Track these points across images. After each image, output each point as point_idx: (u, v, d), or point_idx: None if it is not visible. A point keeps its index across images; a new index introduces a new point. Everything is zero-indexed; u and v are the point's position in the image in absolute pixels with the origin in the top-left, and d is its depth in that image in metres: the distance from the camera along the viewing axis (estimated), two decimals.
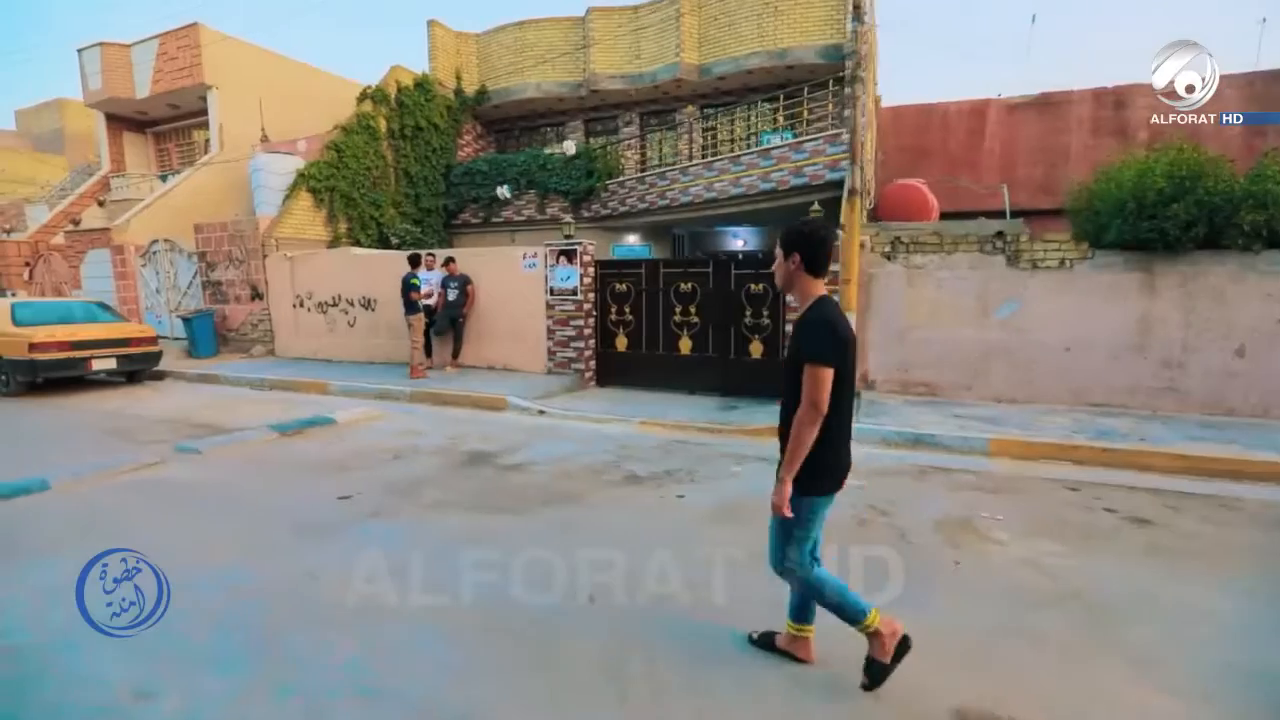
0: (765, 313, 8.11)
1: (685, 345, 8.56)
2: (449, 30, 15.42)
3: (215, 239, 11.70)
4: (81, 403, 8.09)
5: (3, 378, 8.51)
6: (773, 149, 9.86)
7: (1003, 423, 6.15)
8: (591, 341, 8.89)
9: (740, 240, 14.81)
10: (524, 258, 8.98)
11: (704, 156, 13.94)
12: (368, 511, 4.11)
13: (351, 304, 10.45)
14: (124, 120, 17.43)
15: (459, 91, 15.34)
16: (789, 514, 2.11)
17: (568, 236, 8.81)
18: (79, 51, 16.12)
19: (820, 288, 2.22)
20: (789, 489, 2.10)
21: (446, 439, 6.07)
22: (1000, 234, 6.94)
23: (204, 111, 16.51)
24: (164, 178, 16.36)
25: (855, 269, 6.73)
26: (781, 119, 12.43)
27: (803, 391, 2.07)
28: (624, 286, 8.77)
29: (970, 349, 7.15)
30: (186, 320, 11.29)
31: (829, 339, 2.07)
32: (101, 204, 16.64)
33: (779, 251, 2.26)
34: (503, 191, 13.55)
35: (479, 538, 3.69)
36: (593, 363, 8.93)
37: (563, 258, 8.70)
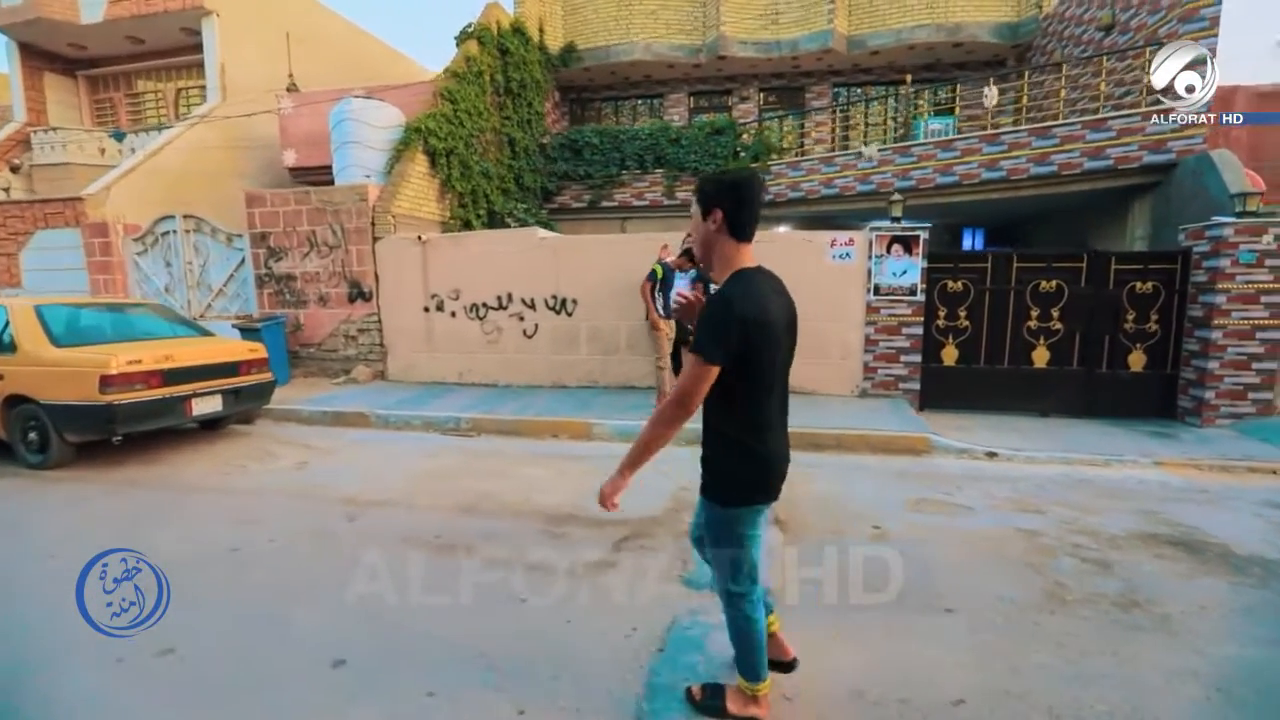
0: (1154, 316, 6.58)
1: (1040, 357, 6.77)
2: None
3: (286, 215, 8.14)
4: (194, 477, 4.71)
5: (32, 438, 4.85)
6: (1053, 127, 8.30)
7: None
8: (920, 354, 6.82)
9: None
10: (832, 245, 6.69)
11: (833, 147, 12.25)
12: None
13: (530, 306, 7.51)
14: (46, 56, 12.58)
15: (542, 48, 12.46)
16: (613, 506, 1.74)
17: (896, 219, 6.67)
18: None
19: (746, 256, 1.75)
20: (626, 481, 1.74)
21: (1060, 522, 3.76)
22: None
23: (178, 51, 12.32)
24: (119, 136, 11.89)
25: None
26: (958, 107, 11.01)
27: (677, 380, 1.62)
28: (959, 285, 6.79)
29: None
30: (251, 331, 7.69)
31: (728, 326, 1.60)
32: (16, 169, 11.78)
33: (696, 209, 1.78)
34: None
35: None
36: (918, 381, 6.87)
37: (896, 246, 6.55)
